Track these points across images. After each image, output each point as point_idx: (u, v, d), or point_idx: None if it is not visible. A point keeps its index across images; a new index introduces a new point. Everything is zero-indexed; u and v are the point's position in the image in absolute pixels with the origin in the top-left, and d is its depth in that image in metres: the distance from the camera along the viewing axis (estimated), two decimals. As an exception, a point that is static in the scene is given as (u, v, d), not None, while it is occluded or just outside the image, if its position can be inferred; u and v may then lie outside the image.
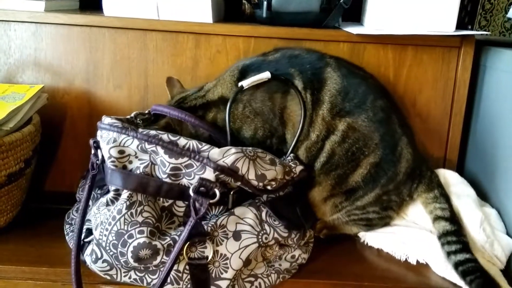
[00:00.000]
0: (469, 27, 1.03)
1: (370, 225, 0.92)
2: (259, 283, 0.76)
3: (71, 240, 0.82)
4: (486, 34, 1.18)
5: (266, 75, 0.85)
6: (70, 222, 0.87)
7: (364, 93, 0.86)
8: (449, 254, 0.82)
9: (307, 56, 0.89)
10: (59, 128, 1.06)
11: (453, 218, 0.87)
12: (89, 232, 0.77)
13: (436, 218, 0.88)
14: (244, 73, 0.87)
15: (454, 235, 0.84)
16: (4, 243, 0.85)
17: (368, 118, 0.85)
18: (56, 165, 1.07)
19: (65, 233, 0.86)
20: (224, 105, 0.85)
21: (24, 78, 1.04)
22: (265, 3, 1.01)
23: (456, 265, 0.80)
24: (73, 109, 1.05)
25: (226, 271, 0.72)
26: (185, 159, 0.71)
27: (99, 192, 0.80)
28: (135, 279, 0.73)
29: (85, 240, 0.77)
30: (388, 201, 0.90)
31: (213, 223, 0.73)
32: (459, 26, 1.01)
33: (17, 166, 0.85)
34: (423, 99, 1.05)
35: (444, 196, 0.90)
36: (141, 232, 0.70)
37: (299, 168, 0.83)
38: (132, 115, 0.86)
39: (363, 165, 0.86)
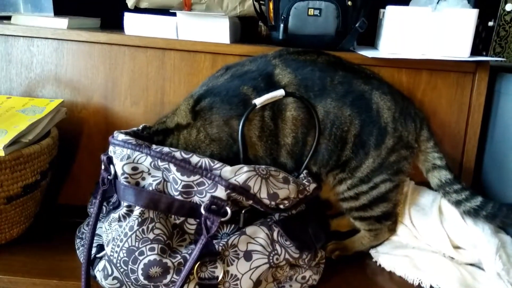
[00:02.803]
0: (484, 53, 1.04)
1: (384, 204, 0.88)
2: (269, 304, 0.76)
3: (81, 255, 0.82)
4: (501, 61, 1.18)
5: (280, 92, 0.84)
6: (81, 236, 0.88)
7: (320, 77, 0.86)
8: (460, 202, 0.87)
9: (254, 67, 0.88)
10: (76, 142, 1.07)
11: (449, 166, 0.91)
12: (101, 247, 0.77)
13: (436, 168, 0.91)
14: (198, 101, 0.85)
15: (458, 183, 0.89)
16: (16, 254, 0.86)
17: (333, 99, 0.85)
18: (71, 178, 1.08)
19: (76, 247, 0.86)
20: (179, 131, 0.83)
21: (44, 93, 1.07)
22: (281, 25, 1.03)
23: (476, 211, 0.85)
24: (90, 124, 1.07)
25: (236, 292, 0.72)
26: (197, 177, 0.71)
27: (108, 207, 0.81)
28: (144, 297, 0.73)
29: (97, 255, 0.77)
30: (397, 162, 0.87)
31: (224, 243, 0.73)
32: (474, 52, 1.01)
33: (33, 178, 0.87)
34: (437, 123, 1.05)
35: (438, 145, 0.92)
36: (152, 249, 0.70)
37: (312, 186, 0.83)
38: (140, 127, 0.87)
39: (349, 140, 0.86)
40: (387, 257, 0.90)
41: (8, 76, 1.07)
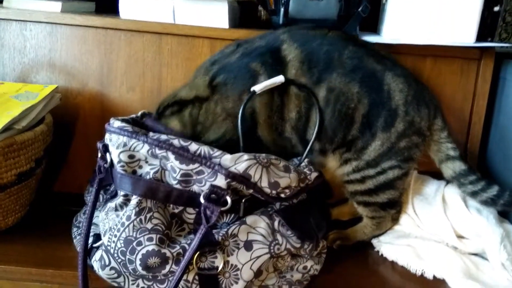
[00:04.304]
0: (489, 39, 1.01)
1: (391, 192, 0.86)
2: (270, 295, 0.74)
3: (78, 244, 0.80)
4: (507, 47, 1.16)
5: (279, 79, 0.82)
6: (77, 225, 0.86)
7: (328, 52, 0.83)
8: (476, 193, 0.85)
9: (263, 43, 0.86)
10: (70, 129, 1.05)
11: (462, 156, 0.88)
12: (97, 237, 0.75)
13: (449, 158, 0.88)
14: (214, 77, 0.84)
15: (472, 174, 0.87)
16: (11, 243, 0.83)
17: (339, 74, 0.82)
18: (67, 166, 1.06)
19: (73, 236, 0.84)
20: (200, 102, 0.82)
21: (38, 78, 1.04)
22: (282, 9, 1.00)
23: (493, 201, 0.84)
24: (85, 111, 1.04)
25: (236, 282, 0.70)
26: (196, 165, 0.69)
27: (106, 196, 0.79)
28: (143, 287, 0.71)
29: (94, 245, 0.75)
30: (408, 148, 0.85)
31: (224, 232, 0.71)
32: (479, 39, 0.99)
33: (28, 166, 0.84)
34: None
35: (451, 135, 0.90)
36: (150, 239, 0.68)
37: (314, 174, 0.81)
38: (139, 114, 0.85)
39: (356, 119, 0.83)
40: (390, 246, 0.88)
41: (1, 61, 1.04)
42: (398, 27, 0.98)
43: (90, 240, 0.76)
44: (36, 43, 1.03)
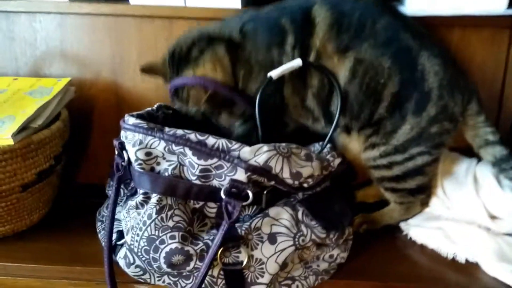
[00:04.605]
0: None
1: (419, 178, 0.83)
2: (297, 286, 0.73)
3: (103, 239, 0.81)
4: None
5: (297, 62, 0.79)
6: (101, 219, 0.86)
7: (360, 18, 0.78)
8: None
9: (296, 2, 0.82)
10: (87, 120, 1.04)
11: (503, 140, 0.84)
12: (121, 234, 0.75)
13: (488, 143, 0.84)
14: (244, 25, 0.82)
15: None
16: (38, 241, 0.84)
17: (370, 45, 0.78)
18: (87, 157, 1.06)
19: (97, 230, 0.85)
20: (234, 48, 0.80)
21: (51, 71, 1.03)
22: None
23: None
24: (100, 102, 1.03)
25: (262, 276, 0.69)
26: (215, 160, 0.67)
27: (126, 192, 0.78)
28: (169, 283, 0.71)
29: (117, 243, 0.75)
30: (439, 134, 0.80)
31: (247, 226, 0.70)
32: (511, 5, 0.91)
33: (47, 164, 0.84)
34: (471, 83, 0.97)
35: (489, 119, 0.85)
36: (172, 237, 0.67)
37: (337, 161, 0.78)
38: (154, 107, 0.83)
39: (384, 97, 0.79)
40: (418, 229, 0.85)
41: (13, 55, 1.03)
42: (422, -4, 0.92)
43: (114, 236, 0.76)
44: (47, 35, 1.01)
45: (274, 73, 0.79)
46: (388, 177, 0.83)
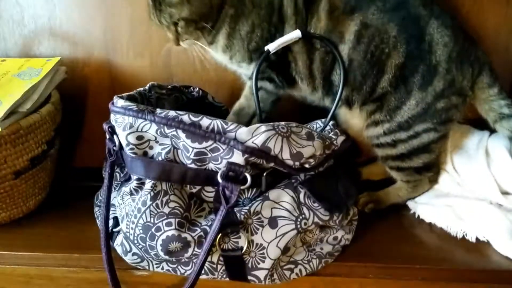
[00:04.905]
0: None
1: (426, 155, 0.79)
2: (300, 270, 0.70)
3: (100, 226, 0.78)
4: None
5: (296, 34, 0.74)
6: (99, 204, 0.83)
7: None
8: None
9: None
10: (82, 102, 1.00)
11: None
12: (117, 220, 0.73)
13: (504, 117, 0.79)
14: None
15: None
16: (35, 227, 0.83)
17: (378, 9, 0.73)
18: (84, 140, 1.03)
19: (95, 216, 0.82)
20: None
21: (42, 50, 0.98)
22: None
23: None
24: (94, 82, 0.99)
25: (263, 261, 0.67)
26: (210, 142, 0.63)
27: (121, 176, 0.75)
28: (168, 270, 0.69)
29: (114, 230, 0.72)
30: (446, 110, 0.76)
31: (246, 210, 0.66)
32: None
33: (39, 149, 0.81)
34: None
35: (504, 91, 0.80)
36: (168, 224, 0.64)
37: (340, 138, 0.74)
38: (147, 87, 0.79)
39: (388, 69, 0.75)
40: (427, 207, 0.82)
41: (1, 35, 0.98)
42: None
43: (110, 223, 0.73)
44: (34, 12, 0.96)
45: (271, 46, 0.74)
46: (393, 155, 0.79)
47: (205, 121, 0.64)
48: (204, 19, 0.76)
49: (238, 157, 0.63)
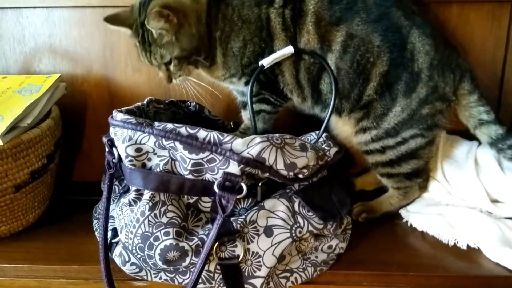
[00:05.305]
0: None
1: (414, 161, 0.81)
2: (295, 278, 0.72)
3: (99, 238, 0.80)
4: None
5: (289, 50, 0.77)
6: (97, 217, 0.85)
7: None
8: None
9: None
10: (81, 117, 1.03)
11: (499, 119, 0.82)
12: (116, 231, 0.74)
13: (483, 123, 0.83)
14: None
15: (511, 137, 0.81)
16: (34, 240, 0.84)
17: (362, 21, 0.76)
18: (83, 154, 1.05)
19: (94, 228, 0.84)
20: (216, 3, 0.78)
21: (42, 67, 1.01)
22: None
23: None
24: (93, 97, 1.01)
25: (259, 269, 0.68)
26: (206, 153, 0.65)
27: (120, 189, 0.77)
28: (165, 280, 0.70)
29: (112, 240, 0.74)
30: (431, 115, 0.79)
31: (242, 220, 0.68)
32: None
33: (40, 163, 0.83)
34: (470, 63, 0.94)
35: (484, 98, 0.83)
36: (166, 233, 0.66)
37: (333, 150, 0.77)
38: (145, 102, 0.81)
39: (373, 77, 0.78)
40: (419, 216, 0.84)
41: (2, 53, 1.01)
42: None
43: (109, 234, 0.75)
44: (35, 30, 0.99)
45: (265, 61, 0.77)
46: (383, 162, 0.82)
47: (202, 133, 0.66)
48: (197, 52, 0.79)
49: (234, 167, 0.65)
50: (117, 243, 0.73)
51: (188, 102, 0.90)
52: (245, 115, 0.89)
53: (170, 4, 0.75)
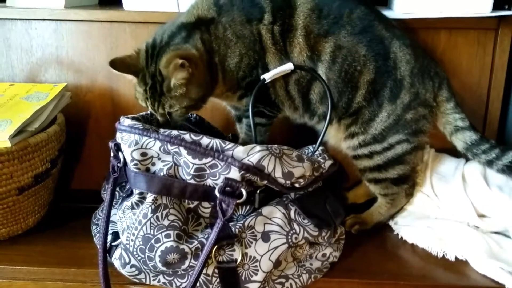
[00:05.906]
0: (506, 7, 0.97)
1: (400, 167, 0.85)
2: (290, 284, 0.74)
3: (98, 241, 0.81)
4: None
5: (288, 66, 0.81)
6: (96, 222, 0.86)
7: (339, 7, 0.82)
8: (491, 162, 0.85)
9: None
10: (83, 126, 1.05)
11: (473, 126, 0.86)
12: (116, 235, 0.76)
13: (458, 130, 0.87)
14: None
15: (485, 142, 0.85)
16: (33, 244, 0.85)
17: (348, 33, 0.81)
18: (83, 163, 1.07)
19: (93, 234, 0.85)
20: (205, 26, 0.80)
21: (47, 77, 1.04)
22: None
23: (510, 168, 0.82)
24: (96, 107, 1.04)
25: (256, 274, 0.70)
26: (209, 159, 0.68)
27: (122, 194, 0.79)
28: (164, 283, 0.72)
29: (113, 244, 0.76)
30: (416, 121, 0.84)
31: (240, 225, 0.71)
32: (496, 7, 0.94)
33: (44, 167, 0.85)
34: (457, 86, 0.98)
35: (460, 105, 0.87)
36: (167, 236, 0.68)
37: (328, 163, 0.80)
38: (148, 112, 0.84)
39: (361, 85, 0.82)
40: (409, 229, 0.87)
41: (9, 62, 1.04)
42: (409, 0, 0.94)
43: (109, 238, 0.76)
44: (42, 41, 1.03)
45: (267, 76, 0.81)
46: (370, 167, 0.86)
47: (205, 140, 0.69)
48: (202, 100, 0.82)
49: (234, 173, 0.68)
50: (116, 246, 0.75)
51: (189, 114, 0.94)
52: (240, 128, 0.92)
53: (187, 55, 0.77)
